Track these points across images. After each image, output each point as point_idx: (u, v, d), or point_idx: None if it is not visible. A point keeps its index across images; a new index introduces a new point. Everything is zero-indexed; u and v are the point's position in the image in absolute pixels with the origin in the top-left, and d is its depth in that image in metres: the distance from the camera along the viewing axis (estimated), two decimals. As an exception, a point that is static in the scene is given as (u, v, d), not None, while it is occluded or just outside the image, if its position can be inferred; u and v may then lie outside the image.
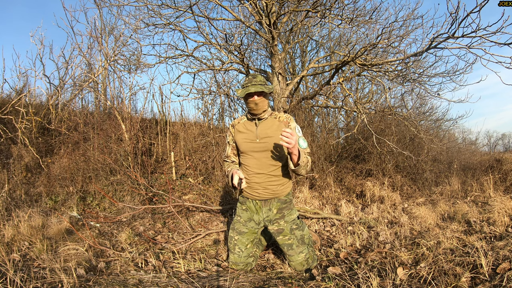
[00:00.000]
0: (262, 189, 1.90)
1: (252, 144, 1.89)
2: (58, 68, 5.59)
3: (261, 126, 1.90)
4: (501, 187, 4.05)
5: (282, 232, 1.91)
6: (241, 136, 1.94)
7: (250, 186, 1.93)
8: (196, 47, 4.17)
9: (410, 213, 2.99)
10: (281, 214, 1.93)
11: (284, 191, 1.94)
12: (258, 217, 1.96)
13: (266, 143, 1.87)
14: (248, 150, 1.91)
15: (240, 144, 1.95)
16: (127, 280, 1.65)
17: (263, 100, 1.86)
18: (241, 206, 2.02)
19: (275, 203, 1.93)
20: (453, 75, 3.56)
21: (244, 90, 1.83)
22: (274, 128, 1.89)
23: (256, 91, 1.79)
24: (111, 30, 5.98)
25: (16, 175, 4.02)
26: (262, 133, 1.88)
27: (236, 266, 1.94)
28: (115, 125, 4.62)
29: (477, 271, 1.51)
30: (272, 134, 1.87)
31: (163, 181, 4.32)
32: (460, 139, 8.08)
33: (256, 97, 1.84)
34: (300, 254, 1.88)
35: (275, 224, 1.93)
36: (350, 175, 4.46)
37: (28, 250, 2.17)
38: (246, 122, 1.97)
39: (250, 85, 1.83)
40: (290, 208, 1.97)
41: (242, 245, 1.94)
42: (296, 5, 3.68)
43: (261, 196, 1.91)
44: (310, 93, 4.64)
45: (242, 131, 1.95)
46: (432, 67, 4.01)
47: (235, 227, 1.99)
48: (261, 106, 1.86)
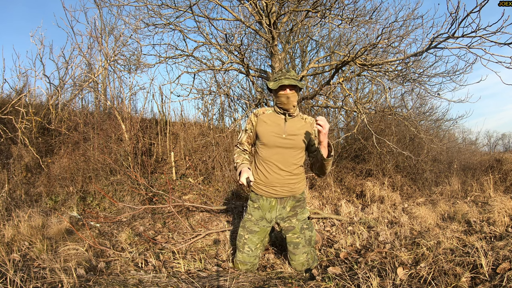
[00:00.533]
0: (280, 187, 1.86)
1: (278, 139, 1.84)
2: (58, 68, 5.60)
3: (290, 123, 1.87)
4: (501, 187, 4.05)
5: (292, 230, 1.90)
6: (265, 127, 1.88)
7: (267, 183, 1.88)
8: (196, 47, 4.17)
9: (410, 213, 2.99)
10: (294, 212, 1.92)
11: (300, 188, 1.92)
12: (270, 215, 1.92)
13: (293, 141, 1.83)
14: (272, 144, 1.85)
15: (263, 135, 1.88)
16: (127, 280, 1.65)
17: (295, 95, 1.83)
18: (253, 204, 1.95)
19: (290, 201, 1.92)
20: (453, 75, 3.55)
21: (277, 83, 1.79)
22: (301, 126, 1.87)
23: (290, 84, 1.76)
24: (111, 30, 5.98)
25: (16, 175, 4.02)
26: (290, 130, 1.85)
27: (243, 265, 1.90)
28: (115, 125, 4.62)
29: (477, 271, 1.51)
30: (299, 132, 1.85)
31: (163, 181, 4.32)
32: (460, 139, 8.08)
33: (289, 90, 1.80)
34: (303, 255, 1.88)
35: (287, 222, 1.92)
36: (350, 175, 4.46)
37: (28, 250, 2.17)
38: (273, 115, 1.91)
39: (283, 78, 1.79)
40: (303, 206, 1.96)
41: (252, 244, 1.90)
42: (296, 5, 3.68)
43: (279, 194, 1.88)
44: (310, 93, 4.64)
45: (267, 122, 1.89)
46: (432, 67, 4.01)
47: (246, 225, 1.94)
48: (292, 101, 1.82)
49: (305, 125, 1.89)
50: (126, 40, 4.89)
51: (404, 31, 3.79)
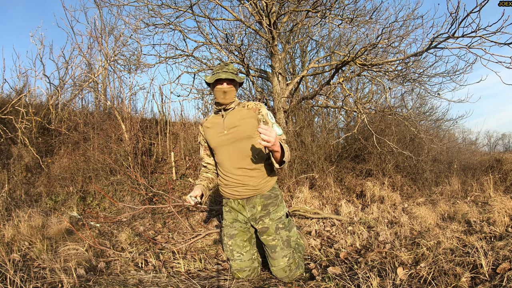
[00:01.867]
0: (241, 187, 1.73)
1: (221, 137, 1.74)
2: (58, 68, 5.61)
3: (228, 117, 1.76)
4: (501, 187, 4.05)
5: (266, 231, 1.70)
6: (210, 132, 1.80)
7: (228, 184, 1.77)
8: (196, 47, 4.17)
9: (410, 213, 2.99)
10: (266, 210, 1.73)
11: (266, 185, 1.76)
12: (243, 216, 1.78)
13: (234, 133, 1.72)
14: (217, 144, 1.76)
15: (210, 140, 1.80)
16: (127, 280, 1.65)
17: (233, 90, 1.73)
18: (225, 208, 1.86)
19: (258, 200, 1.75)
20: (453, 75, 3.56)
21: (214, 76, 1.68)
22: (242, 116, 1.74)
23: (227, 78, 1.66)
24: (111, 30, 5.99)
25: (16, 175, 4.02)
26: (230, 123, 1.74)
27: (241, 273, 1.72)
28: (115, 125, 4.62)
29: (477, 271, 1.51)
30: (240, 122, 1.72)
31: (163, 181, 4.32)
32: (460, 139, 8.08)
33: (226, 84, 1.70)
34: (283, 259, 1.67)
35: (259, 223, 1.73)
36: (350, 175, 4.46)
37: (28, 250, 2.16)
38: (213, 117, 1.83)
39: (221, 72, 1.69)
40: (277, 204, 1.77)
41: (239, 248, 1.75)
42: (296, 5, 3.68)
43: (242, 194, 1.74)
44: (310, 93, 4.64)
45: (210, 126, 1.81)
46: (432, 67, 4.02)
47: (225, 232, 1.82)
48: (229, 96, 1.72)
49: (247, 112, 1.75)
50: (126, 40, 4.89)
51: (404, 31, 3.79)
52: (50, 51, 6.31)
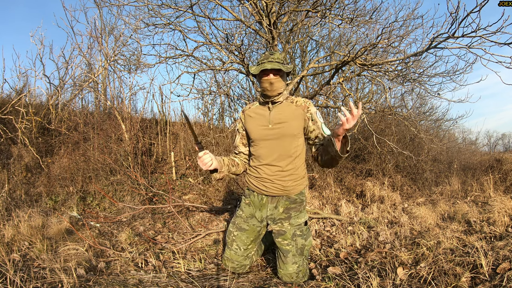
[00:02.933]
0: (270, 183, 1.68)
1: (264, 131, 1.67)
2: (58, 68, 5.60)
3: (275, 111, 1.68)
4: (501, 187, 4.05)
5: (283, 235, 1.68)
6: (252, 122, 1.73)
7: (259, 177, 1.72)
8: (196, 47, 4.16)
9: (410, 213, 2.99)
10: (288, 214, 1.70)
11: (296, 188, 1.71)
12: (261, 214, 1.75)
13: (280, 129, 1.65)
14: (259, 137, 1.69)
15: (251, 131, 1.73)
16: (127, 280, 1.65)
17: (279, 80, 1.63)
18: (245, 200, 1.81)
19: (283, 201, 1.71)
20: (453, 75, 3.55)
21: (259, 67, 1.59)
22: (289, 112, 1.67)
23: (273, 68, 1.56)
24: (111, 30, 5.98)
25: (16, 175, 4.02)
26: (276, 118, 1.66)
27: (230, 263, 1.75)
28: (115, 125, 4.62)
29: (477, 271, 1.51)
30: (287, 119, 1.65)
31: (163, 181, 4.32)
32: (460, 139, 8.08)
33: (272, 75, 1.60)
34: (293, 265, 1.64)
35: (278, 224, 1.71)
36: (350, 175, 4.46)
37: (28, 250, 2.16)
38: (258, 107, 1.76)
39: (266, 62, 1.59)
40: (300, 210, 1.73)
41: (241, 242, 1.75)
42: (296, 5, 3.68)
43: (269, 191, 1.69)
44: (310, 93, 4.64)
45: (253, 116, 1.74)
46: (432, 67, 4.01)
47: (236, 221, 1.79)
48: (276, 86, 1.62)
49: (296, 109, 1.68)
50: (126, 40, 4.89)
51: (404, 31, 3.78)
52: (50, 51, 6.29)
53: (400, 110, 4.72)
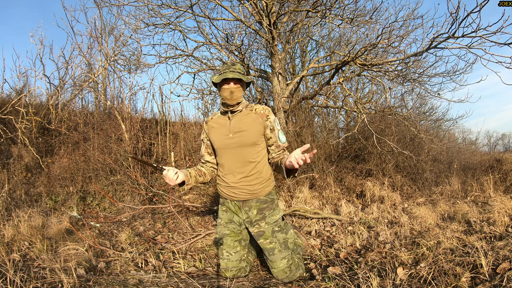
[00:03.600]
0: (238, 189, 1.76)
1: (225, 140, 1.74)
2: (58, 68, 5.60)
3: (235, 120, 1.75)
4: (501, 187, 4.04)
5: (263, 235, 1.73)
6: (214, 132, 1.80)
7: (226, 185, 1.80)
8: (196, 47, 4.17)
9: (410, 213, 2.99)
10: (262, 215, 1.76)
11: (263, 190, 1.78)
12: (238, 218, 1.82)
13: (240, 138, 1.72)
14: (221, 146, 1.77)
15: (213, 141, 1.80)
16: (127, 280, 1.65)
17: (240, 90, 1.71)
18: (221, 208, 1.88)
19: (254, 204, 1.78)
20: (453, 75, 3.56)
21: (221, 76, 1.66)
22: (249, 121, 1.74)
23: (234, 77, 1.65)
24: (111, 30, 5.99)
25: (16, 175, 4.02)
26: (236, 127, 1.73)
27: (228, 272, 1.75)
28: (115, 125, 4.63)
29: (477, 271, 1.51)
30: (246, 127, 1.72)
31: (163, 181, 4.32)
32: (460, 139, 8.08)
33: (233, 84, 1.68)
34: (282, 261, 1.68)
35: (255, 226, 1.76)
36: (350, 175, 4.46)
37: (28, 250, 2.16)
38: (219, 117, 1.82)
39: (228, 71, 1.67)
40: (272, 208, 1.80)
41: (229, 247, 1.77)
42: (296, 5, 3.68)
43: (239, 197, 1.77)
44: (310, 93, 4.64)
45: (215, 126, 1.81)
46: (432, 67, 4.01)
47: (218, 230, 1.84)
48: (236, 96, 1.69)
49: (255, 117, 1.74)
50: (126, 40, 4.89)
51: (404, 31, 3.79)
52: (50, 51, 6.31)
53: (400, 110, 4.72)
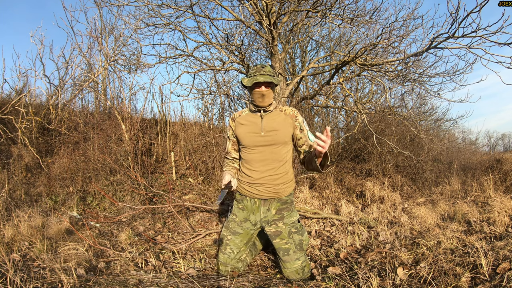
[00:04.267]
0: (263, 187, 1.78)
1: (256, 138, 1.76)
2: (58, 68, 5.59)
3: (267, 118, 1.78)
4: (501, 187, 4.05)
5: (279, 235, 1.76)
6: (243, 129, 1.81)
7: (251, 182, 1.80)
8: (196, 47, 4.16)
9: (410, 213, 2.99)
10: (280, 215, 1.80)
11: (286, 190, 1.81)
12: (255, 217, 1.83)
13: (272, 136, 1.75)
14: (251, 144, 1.78)
15: (242, 138, 1.81)
16: (127, 280, 1.65)
17: (271, 92, 1.74)
18: (238, 205, 1.90)
19: (274, 203, 1.81)
20: (453, 75, 3.55)
21: (251, 79, 1.69)
22: (280, 121, 1.77)
23: (265, 81, 1.67)
24: (111, 30, 5.98)
25: (16, 175, 4.02)
26: (268, 126, 1.76)
27: (224, 266, 1.80)
28: (115, 125, 4.62)
29: (477, 271, 1.51)
30: (278, 127, 1.75)
31: (163, 181, 4.32)
32: (460, 139, 8.09)
33: (264, 88, 1.71)
34: (296, 261, 1.71)
35: (272, 226, 1.79)
36: (350, 175, 4.46)
37: (28, 250, 2.16)
38: (249, 115, 1.84)
39: (258, 74, 1.69)
40: (291, 209, 1.84)
41: (234, 246, 1.81)
42: (296, 5, 3.68)
43: (261, 195, 1.79)
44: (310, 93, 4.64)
45: (244, 123, 1.82)
46: (432, 67, 4.01)
47: (230, 226, 1.86)
48: (267, 98, 1.73)
49: (285, 118, 1.79)
50: (126, 40, 4.88)
51: (404, 31, 3.79)
52: (50, 51, 6.29)
53: (400, 110, 4.72)
